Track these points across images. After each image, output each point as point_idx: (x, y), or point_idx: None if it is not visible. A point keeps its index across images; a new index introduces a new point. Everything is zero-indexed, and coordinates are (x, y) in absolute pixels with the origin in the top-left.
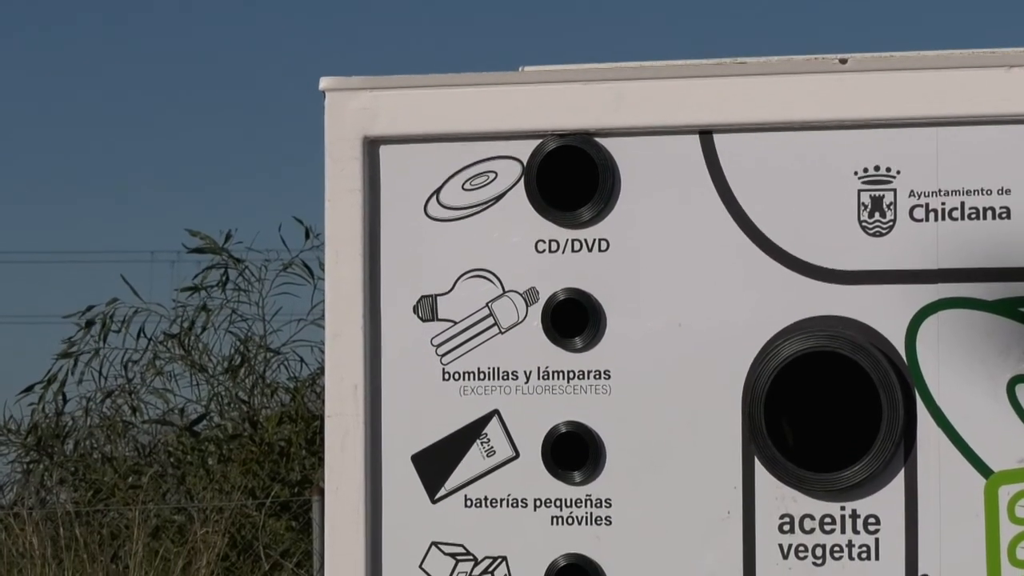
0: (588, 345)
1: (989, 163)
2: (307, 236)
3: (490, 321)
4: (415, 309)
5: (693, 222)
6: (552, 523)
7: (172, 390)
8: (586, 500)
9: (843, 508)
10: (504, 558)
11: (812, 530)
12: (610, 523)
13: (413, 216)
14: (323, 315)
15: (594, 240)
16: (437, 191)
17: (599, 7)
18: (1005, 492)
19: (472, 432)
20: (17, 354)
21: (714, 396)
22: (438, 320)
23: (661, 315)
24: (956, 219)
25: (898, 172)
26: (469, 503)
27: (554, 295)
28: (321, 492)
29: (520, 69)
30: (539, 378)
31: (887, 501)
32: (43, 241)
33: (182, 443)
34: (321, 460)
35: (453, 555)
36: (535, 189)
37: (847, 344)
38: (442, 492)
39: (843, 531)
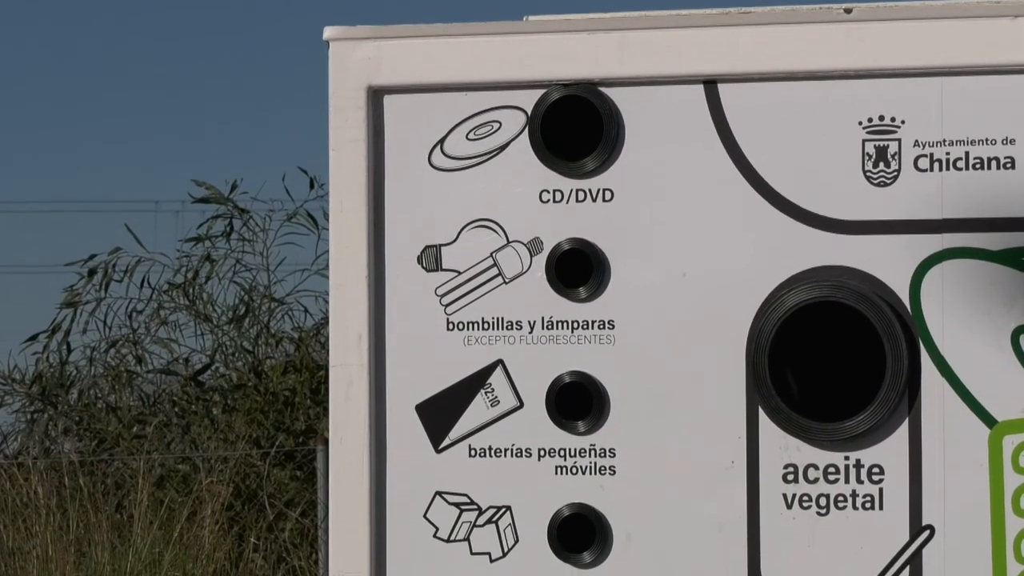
0: (592, 295)
1: (994, 113)
2: (311, 186)
3: (494, 271)
4: (419, 259)
5: (697, 172)
6: (556, 473)
7: (176, 340)
8: (590, 450)
9: (847, 458)
10: (508, 508)
11: (816, 480)
12: (614, 473)
13: (417, 166)
14: (327, 265)
15: (598, 190)
16: (441, 141)
17: None
18: (1009, 442)
19: (476, 382)
20: (21, 304)
21: (718, 346)
22: (442, 270)
23: (665, 265)
24: (960, 169)
25: (903, 122)
26: (473, 453)
27: (558, 245)
28: (326, 442)
29: (524, 19)
30: (543, 328)
31: (891, 451)
32: (46, 190)
33: (187, 393)
34: (326, 410)
35: (457, 505)
36: (539, 139)
37: (851, 294)
38: (446, 442)
39: (847, 481)
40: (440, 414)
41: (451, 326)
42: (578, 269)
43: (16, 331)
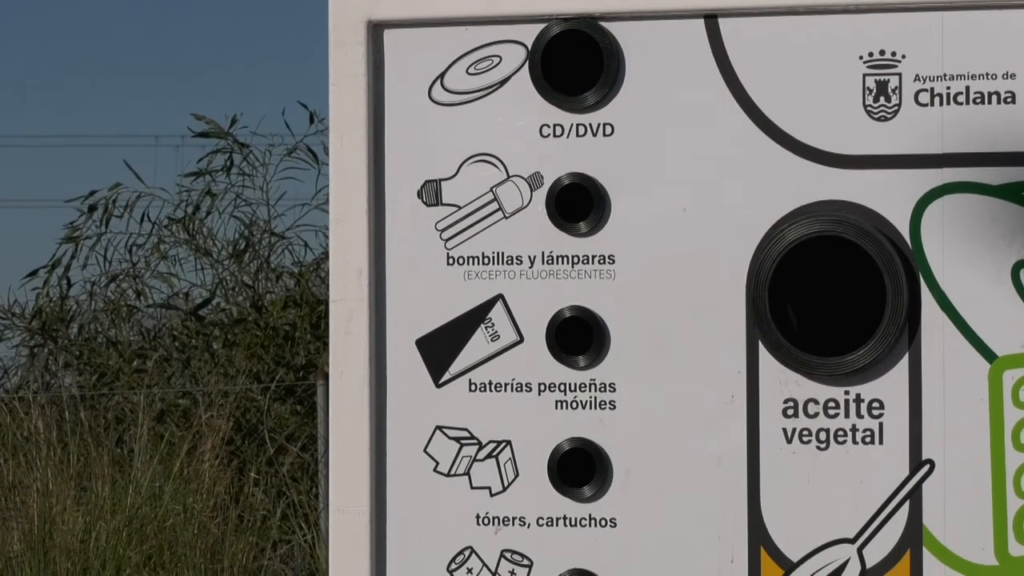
0: (592, 230)
1: (995, 48)
2: (311, 121)
3: (494, 206)
4: (419, 194)
5: (698, 106)
6: (556, 407)
7: (177, 274)
8: (590, 384)
9: (847, 392)
10: (508, 442)
11: (816, 414)
12: (614, 407)
13: (417, 100)
14: (327, 199)
15: (599, 125)
16: (441, 75)
17: None
18: (1009, 377)
19: (476, 317)
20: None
21: (718, 281)
22: (442, 205)
23: (665, 200)
24: (961, 104)
25: (903, 56)
26: (473, 387)
27: (558, 180)
28: (326, 376)
29: None
30: (543, 263)
31: (891, 385)
32: (46, 125)
33: (187, 327)
34: (326, 344)
35: (457, 439)
36: (539, 73)
37: (852, 229)
38: (446, 376)
39: (847, 415)
40: (440, 349)
41: (451, 261)
42: (578, 204)
43: (16, 266)
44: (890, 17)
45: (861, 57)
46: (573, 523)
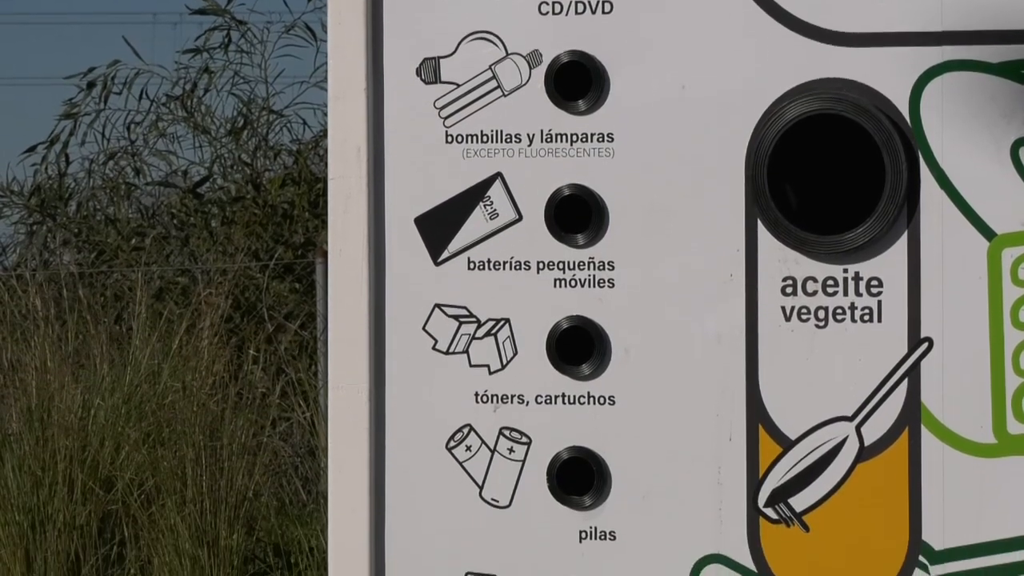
0: (592, 108)
1: None
2: None
3: (493, 84)
4: (418, 71)
5: None
6: (555, 286)
7: (175, 152)
8: (589, 263)
9: (846, 271)
10: (507, 320)
11: (815, 292)
12: (613, 286)
13: None
14: (326, 77)
15: (597, 2)
16: None
17: None
18: (1008, 255)
19: (475, 195)
20: (19, 116)
21: (718, 159)
22: (441, 83)
23: (664, 78)
24: None
25: None
26: (472, 266)
27: (557, 58)
28: (325, 254)
29: None
30: (542, 141)
31: (890, 264)
32: (44, 2)
33: (185, 205)
34: (324, 222)
35: (456, 317)
36: None
37: (851, 106)
38: (445, 255)
39: (846, 293)
40: (439, 227)
41: (450, 139)
42: (577, 81)
43: (14, 143)
44: None
45: None
46: (572, 401)
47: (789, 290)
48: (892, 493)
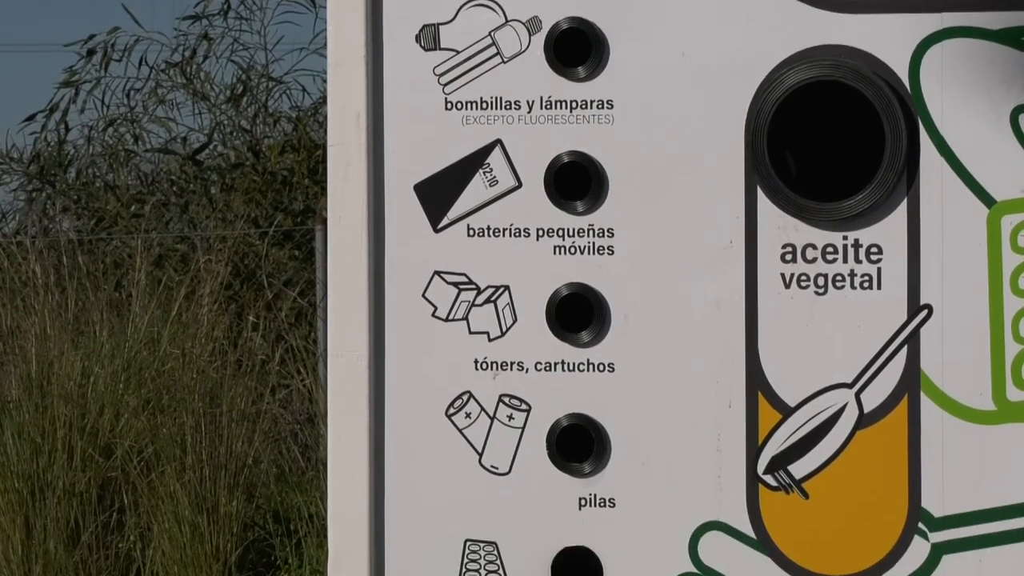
0: (591, 75)
1: None
2: None
3: (493, 50)
4: (417, 38)
5: None
6: (554, 253)
7: (174, 119)
8: (588, 230)
9: (845, 238)
10: (507, 287)
11: (814, 259)
12: (612, 253)
13: None
14: (325, 44)
15: None
16: None
17: None
18: (1008, 222)
19: (475, 162)
20: (19, 83)
21: (717, 126)
22: (440, 49)
23: (664, 45)
24: None
25: None
26: (472, 233)
27: (557, 24)
28: (324, 221)
29: None
30: (542, 107)
31: (890, 231)
32: None
33: (185, 172)
34: (324, 189)
35: (456, 284)
36: None
37: (851, 73)
38: (445, 222)
39: (845, 260)
40: (438, 194)
41: (449, 105)
42: (577, 48)
43: (14, 110)
44: None
45: None
46: (571, 368)
47: (789, 257)
48: (891, 460)
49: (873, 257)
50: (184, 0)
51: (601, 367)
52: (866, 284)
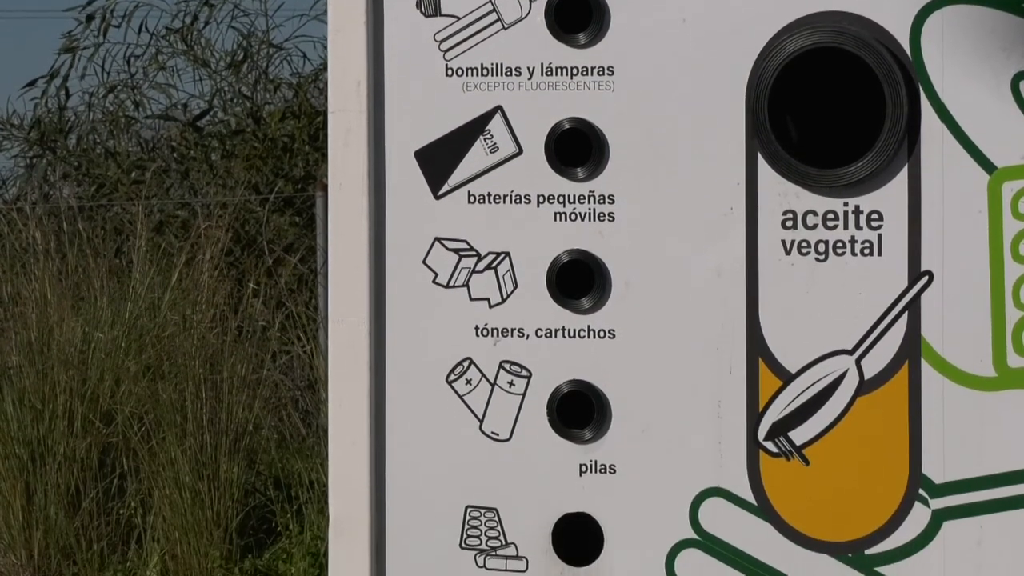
0: (592, 41)
1: None
2: None
3: (493, 16)
4: (418, 4)
5: None
6: (555, 219)
7: (175, 85)
8: (589, 196)
9: (846, 204)
10: (507, 254)
11: (815, 226)
12: (613, 219)
13: None
14: (325, 10)
15: None
16: None
17: None
18: (1008, 188)
19: (475, 128)
20: (19, 49)
21: (718, 92)
22: (441, 15)
23: (665, 10)
24: None
25: None
26: (472, 199)
27: None
28: (325, 188)
29: None
30: (542, 74)
31: (890, 197)
32: None
33: (185, 138)
34: (324, 156)
35: (456, 251)
36: None
37: (852, 40)
38: (445, 188)
39: (846, 227)
40: (439, 160)
41: (450, 72)
42: (577, 14)
43: (14, 76)
44: None
45: None
46: (572, 335)
47: (789, 224)
48: (892, 426)
49: (874, 224)
50: None
51: (602, 334)
52: (867, 251)
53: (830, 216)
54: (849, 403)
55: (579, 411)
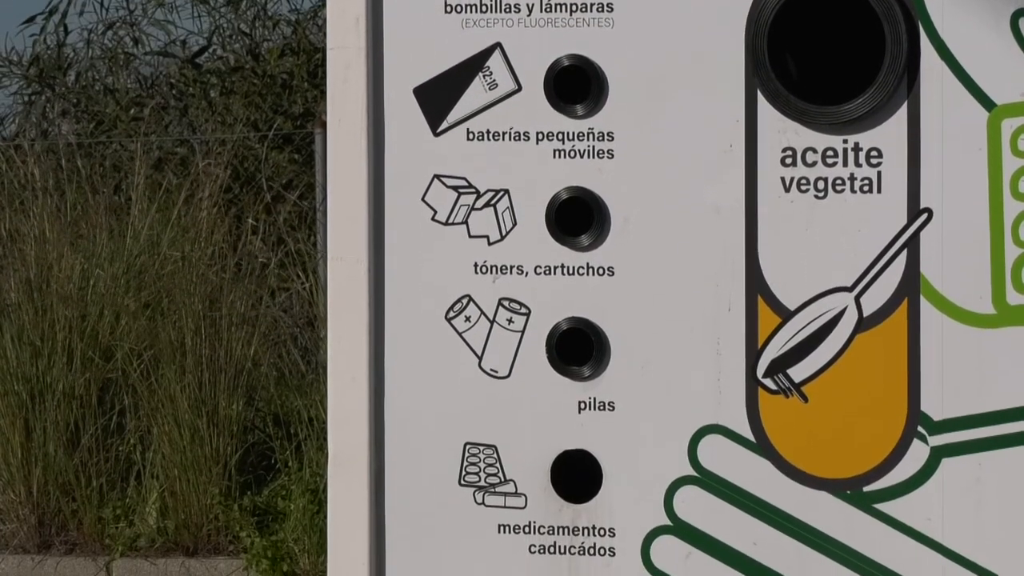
0: None
1: None
2: None
3: None
4: None
5: None
6: (554, 156)
7: (173, 22)
8: (588, 133)
9: (845, 141)
10: (506, 191)
11: (814, 163)
12: (612, 156)
13: None
14: None
15: None
16: None
17: None
18: (1008, 125)
19: (474, 65)
20: None
21: (717, 29)
22: None
23: None
24: None
25: None
26: (471, 136)
27: None
28: (324, 125)
29: None
30: (541, 11)
31: (890, 134)
32: None
33: (184, 75)
34: (323, 93)
35: (455, 188)
36: None
37: None
38: (444, 125)
39: (845, 164)
40: (438, 97)
41: (448, 8)
42: None
43: (12, 13)
44: None
45: None
46: (571, 272)
47: (788, 161)
48: (891, 364)
49: (873, 161)
50: None
51: (601, 271)
52: (866, 188)
53: (829, 153)
54: (848, 340)
55: (578, 348)
